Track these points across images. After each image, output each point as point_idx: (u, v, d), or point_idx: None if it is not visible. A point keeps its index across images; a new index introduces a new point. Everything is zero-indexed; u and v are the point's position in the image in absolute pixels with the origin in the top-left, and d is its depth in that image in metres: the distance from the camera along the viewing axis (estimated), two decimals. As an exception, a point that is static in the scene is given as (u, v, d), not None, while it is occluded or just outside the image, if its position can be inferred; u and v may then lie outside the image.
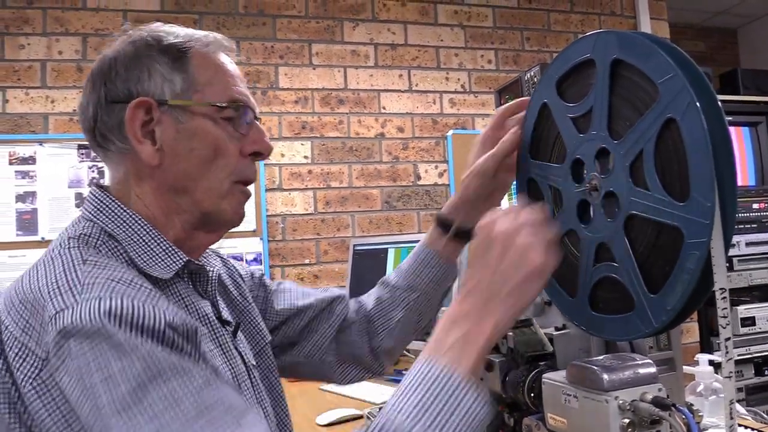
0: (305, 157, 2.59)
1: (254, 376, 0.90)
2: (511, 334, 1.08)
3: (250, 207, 2.48)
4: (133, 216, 0.78)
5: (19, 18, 2.38)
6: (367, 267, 2.29)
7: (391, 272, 1.20)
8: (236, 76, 0.85)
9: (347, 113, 2.67)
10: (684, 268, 0.68)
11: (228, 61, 0.85)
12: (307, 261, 2.56)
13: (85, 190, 2.35)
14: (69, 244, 0.73)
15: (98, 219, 0.78)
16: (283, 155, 2.58)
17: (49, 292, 0.64)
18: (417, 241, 2.08)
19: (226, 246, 2.42)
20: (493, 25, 2.92)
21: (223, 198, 0.82)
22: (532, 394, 0.97)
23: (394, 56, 2.77)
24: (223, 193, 0.82)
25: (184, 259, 0.79)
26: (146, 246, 0.77)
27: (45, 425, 0.63)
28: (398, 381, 0.70)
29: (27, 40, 2.38)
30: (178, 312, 0.66)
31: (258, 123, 0.87)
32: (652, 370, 0.82)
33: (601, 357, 0.87)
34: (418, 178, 2.75)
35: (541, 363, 1.03)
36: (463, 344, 0.67)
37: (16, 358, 0.64)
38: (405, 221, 2.72)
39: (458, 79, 2.86)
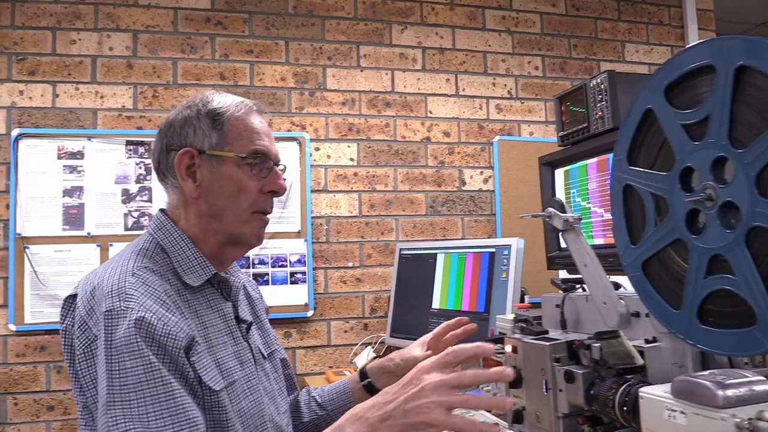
0: (351, 159, 2.58)
1: (263, 364, 1.17)
2: (596, 345, 1.06)
3: (295, 208, 2.48)
4: (181, 235, 1.07)
5: (71, 13, 2.40)
6: (414, 272, 2.27)
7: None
8: (261, 132, 1.11)
9: (394, 116, 2.65)
10: (823, 283, 0.65)
11: (257, 121, 1.11)
12: (350, 264, 2.55)
13: (132, 186, 2.36)
14: (131, 256, 1.00)
15: (156, 234, 1.07)
16: (329, 156, 2.57)
17: (106, 294, 0.92)
18: (468, 248, 2.06)
19: (271, 246, 2.42)
20: (541, 32, 2.89)
21: (245, 224, 1.09)
22: (625, 408, 0.94)
23: (441, 60, 2.75)
24: (244, 220, 1.08)
25: (213, 272, 1.07)
26: (186, 259, 1.05)
27: (84, 379, 0.91)
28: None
29: (78, 35, 2.40)
30: (184, 328, 0.93)
31: (277, 168, 1.12)
32: (765, 387, 0.79)
33: (706, 372, 0.84)
34: (463, 183, 2.73)
35: (629, 376, 1.00)
36: None
37: (78, 330, 0.92)
38: (449, 227, 2.70)
39: (505, 85, 2.83)
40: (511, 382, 1.18)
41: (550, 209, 1.22)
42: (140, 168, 2.36)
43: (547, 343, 1.15)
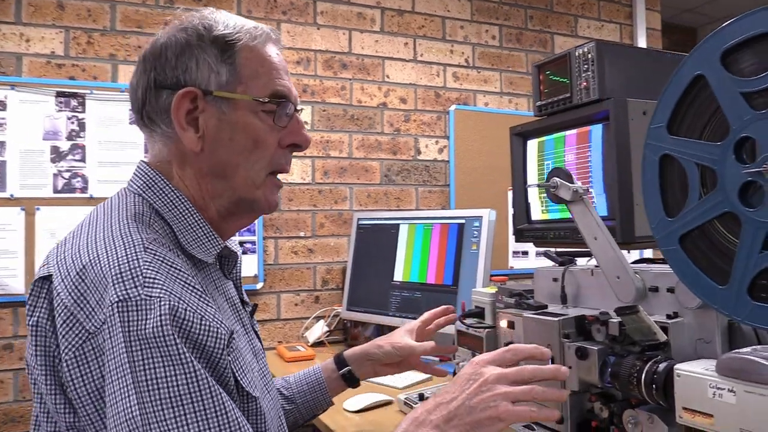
0: (305, 122, 2.44)
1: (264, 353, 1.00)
2: (614, 321, 1.03)
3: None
4: (180, 197, 0.84)
5: (-12, -56, 2.10)
6: (374, 243, 2.19)
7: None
8: (281, 68, 0.89)
9: (350, 79, 2.52)
10: None
11: (274, 53, 0.90)
12: (302, 233, 2.43)
13: (63, 143, 2.11)
14: (129, 223, 0.77)
15: (147, 195, 0.84)
16: (283, 119, 2.42)
17: (112, 276, 0.68)
18: (434, 218, 2.00)
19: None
20: (499, 0, 2.84)
21: (258, 187, 0.87)
22: (654, 386, 0.92)
23: (400, 23, 2.64)
24: (258, 183, 0.87)
25: (222, 245, 0.87)
26: (191, 229, 0.83)
27: (78, 391, 0.68)
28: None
29: (-3, -31, 2.11)
30: (221, 320, 0.73)
31: (297, 115, 0.91)
32: (817, 363, 0.78)
33: (748, 349, 0.82)
34: (419, 152, 2.66)
35: (650, 353, 0.98)
36: None
37: (63, 325, 0.69)
38: (403, 197, 2.63)
39: (462, 53, 2.76)
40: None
41: (556, 179, 1.17)
42: (73, 123, 2.12)
43: (556, 319, 1.12)
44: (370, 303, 2.14)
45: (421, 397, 1.46)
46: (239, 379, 0.75)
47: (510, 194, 2.79)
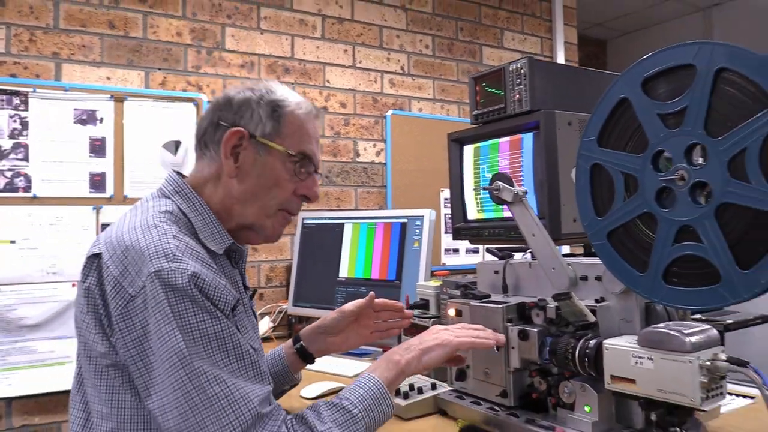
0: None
1: None
2: (551, 306, 1.19)
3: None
4: (202, 203, 1.07)
5: None
6: (318, 242, 2.28)
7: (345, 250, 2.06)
8: (313, 137, 1.14)
9: (293, 83, 2.61)
10: (785, 249, 0.81)
11: (312, 126, 1.14)
12: (246, 232, 2.49)
13: (5, 142, 2.06)
14: (161, 218, 1.00)
15: (174, 198, 1.07)
16: (227, 121, 2.47)
17: (150, 254, 0.92)
18: (378, 218, 2.12)
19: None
20: (432, 12, 3.00)
21: (269, 217, 1.11)
22: (586, 360, 1.08)
23: (340, 30, 2.75)
24: (270, 213, 1.11)
25: (230, 242, 1.09)
26: (207, 227, 1.06)
27: (125, 338, 0.92)
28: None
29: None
30: (231, 289, 0.97)
31: (316, 175, 1.15)
32: (716, 333, 0.96)
33: (662, 324, 0.99)
34: (357, 155, 2.78)
35: (582, 332, 1.14)
36: (386, 367, 1.09)
37: (112, 291, 0.92)
38: (343, 197, 2.74)
39: (398, 61, 2.91)
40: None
41: (499, 183, 1.32)
42: (15, 121, 2.08)
43: (500, 306, 1.27)
44: (316, 298, 2.24)
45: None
46: (243, 334, 0.98)
47: (442, 195, 2.96)
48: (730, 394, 1.45)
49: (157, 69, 2.33)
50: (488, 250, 1.58)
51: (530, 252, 1.36)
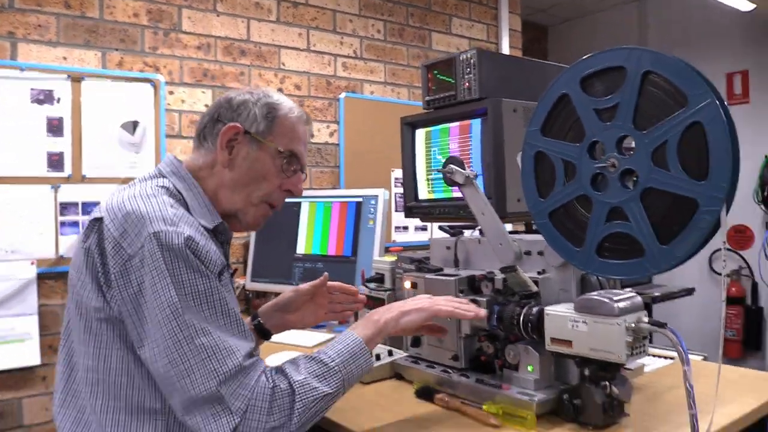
0: (206, 105, 2.53)
1: None
2: (499, 278, 1.32)
3: (149, 153, 2.39)
4: (195, 184, 1.17)
5: None
6: (276, 220, 2.35)
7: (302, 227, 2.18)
8: (302, 141, 1.25)
9: (249, 65, 2.65)
10: (697, 227, 0.96)
11: (302, 131, 1.25)
12: (202, 211, 2.53)
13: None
14: (160, 191, 1.09)
15: (171, 178, 1.16)
16: (183, 101, 2.49)
17: (150, 218, 1.01)
18: (333, 197, 2.22)
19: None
20: (384, -3, 3.09)
21: (253, 206, 1.21)
22: (530, 325, 1.22)
23: (295, 14, 2.80)
24: (254, 202, 1.20)
25: (219, 220, 1.17)
26: (199, 206, 1.15)
27: (123, 294, 1.00)
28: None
29: None
30: (220, 255, 1.07)
31: (302, 174, 1.26)
32: (640, 300, 1.12)
33: (594, 293, 1.14)
34: (312, 136, 2.84)
35: (526, 300, 1.28)
36: (365, 325, 1.17)
37: (112, 250, 1.01)
38: (298, 177, 2.81)
39: (351, 45, 2.98)
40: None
41: (452, 166, 1.43)
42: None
43: (452, 278, 1.39)
44: (274, 274, 2.32)
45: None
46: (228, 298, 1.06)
47: (393, 175, 3.08)
48: (656, 356, 1.64)
49: (114, 50, 2.33)
50: (440, 228, 1.70)
51: (479, 229, 1.49)
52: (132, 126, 2.33)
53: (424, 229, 3.15)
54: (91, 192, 2.25)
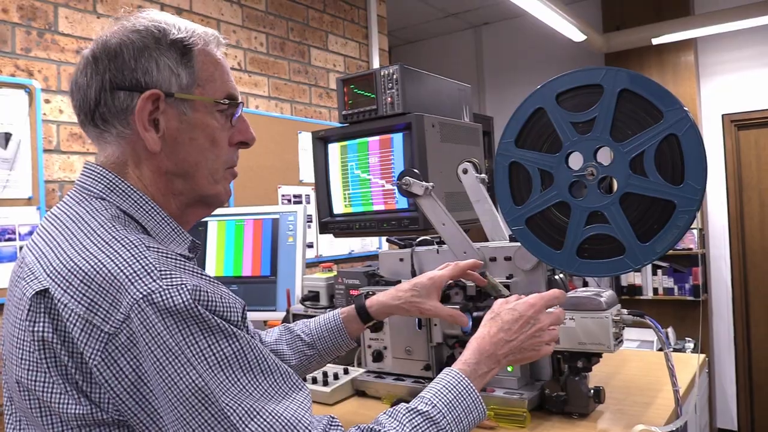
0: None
1: None
2: (470, 284, 1.37)
3: (24, 170, 2.09)
4: (143, 197, 0.86)
5: None
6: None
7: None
8: (229, 71, 0.95)
9: (131, 75, 2.44)
10: (675, 225, 1.09)
11: (222, 57, 0.95)
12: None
13: None
14: (114, 227, 0.80)
15: (111, 198, 0.85)
16: (62, 111, 2.20)
17: (127, 276, 0.73)
18: (245, 215, 2.13)
19: (-11, 216, 1.97)
20: (266, 10, 3.02)
21: (218, 182, 0.93)
22: (510, 326, 1.28)
23: (178, 22, 2.64)
24: (218, 178, 0.93)
25: (189, 239, 0.92)
26: (160, 227, 0.87)
27: (114, 392, 0.73)
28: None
29: None
30: (236, 296, 0.82)
31: (243, 115, 0.98)
32: (614, 294, 1.23)
33: (579, 291, 1.24)
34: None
35: (498, 304, 1.35)
36: (485, 375, 0.99)
37: (82, 334, 0.72)
38: (187, 195, 2.64)
39: (235, 56, 2.87)
40: (373, 326, 1.36)
41: (409, 178, 1.46)
42: None
43: (422, 288, 1.41)
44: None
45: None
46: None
47: (280, 191, 3.01)
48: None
49: (-22, 50, 2.01)
50: (388, 240, 1.72)
51: (436, 240, 1.54)
52: (4, 138, 2.03)
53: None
54: (-49, 218, 1.91)
